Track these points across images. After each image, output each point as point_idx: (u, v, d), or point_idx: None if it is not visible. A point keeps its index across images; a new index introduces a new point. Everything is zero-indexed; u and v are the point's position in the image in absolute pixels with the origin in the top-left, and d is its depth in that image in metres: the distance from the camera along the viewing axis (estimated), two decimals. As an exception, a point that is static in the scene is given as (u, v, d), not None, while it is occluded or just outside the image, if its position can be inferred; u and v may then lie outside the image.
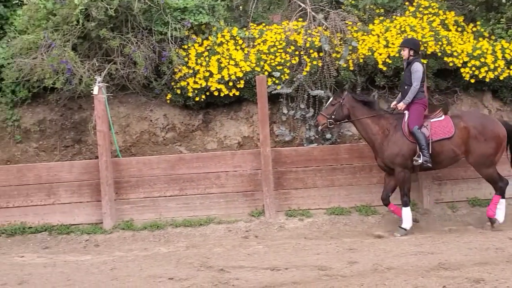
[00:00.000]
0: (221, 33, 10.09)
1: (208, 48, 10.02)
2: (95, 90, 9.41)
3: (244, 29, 10.39)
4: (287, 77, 9.80)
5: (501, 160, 8.66)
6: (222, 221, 9.24)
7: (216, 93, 9.84)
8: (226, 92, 9.82)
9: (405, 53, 8.74)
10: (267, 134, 9.32)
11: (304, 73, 9.78)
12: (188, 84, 9.85)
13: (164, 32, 9.88)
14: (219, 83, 9.77)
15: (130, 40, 9.74)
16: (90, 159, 9.95)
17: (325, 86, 9.78)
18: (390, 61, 9.76)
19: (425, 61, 9.64)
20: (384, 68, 9.82)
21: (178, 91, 10.02)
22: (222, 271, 6.94)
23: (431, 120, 8.49)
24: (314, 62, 9.78)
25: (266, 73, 9.72)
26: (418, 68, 8.50)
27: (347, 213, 9.29)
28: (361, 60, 9.86)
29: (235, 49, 9.97)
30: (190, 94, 9.89)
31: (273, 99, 9.85)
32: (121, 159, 9.62)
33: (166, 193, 9.43)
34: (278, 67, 9.79)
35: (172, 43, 9.79)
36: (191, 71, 9.85)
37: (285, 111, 9.89)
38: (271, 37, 10.01)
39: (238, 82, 9.76)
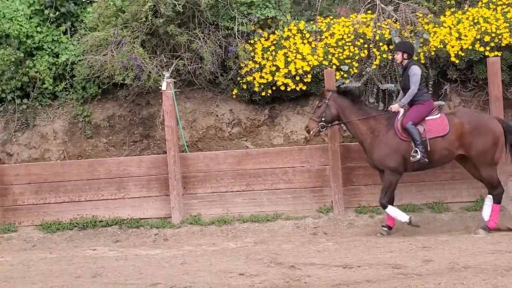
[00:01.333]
0: (288, 27, 9.99)
1: (274, 42, 9.95)
2: (163, 86, 9.49)
3: (311, 22, 10.25)
4: (355, 70, 9.62)
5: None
6: (290, 217, 9.17)
7: (282, 88, 9.76)
8: (293, 87, 9.73)
9: (398, 57, 8.50)
10: (336, 129, 9.16)
11: (374, 67, 9.57)
12: (254, 79, 9.81)
13: (230, 27, 9.88)
14: (285, 77, 9.68)
15: (197, 35, 9.77)
16: (158, 154, 10.05)
17: (395, 80, 9.54)
18: (462, 54, 9.47)
19: (499, 54, 9.31)
20: (457, 61, 9.53)
21: (244, 86, 9.99)
22: (293, 268, 6.83)
23: (426, 118, 8.25)
24: (384, 55, 9.55)
25: (334, 66, 9.56)
26: (416, 72, 8.25)
27: (418, 210, 9.04)
28: (432, 53, 9.58)
29: (302, 43, 9.85)
30: (256, 89, 9.85)
31: (341, 93, 9.68)
32: (189, 154, 9.67)
33: (233, 188, 9.42)
34: (346, 61, 9.62)
35: (238, 38, 9.78)
36: (257, 66, 9.81)
37: (353, 105, 9.71)
38: (339, 30, 9.84)
39: (305, 76, 9.65)
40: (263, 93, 9.88)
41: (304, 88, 9.76)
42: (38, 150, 10.47)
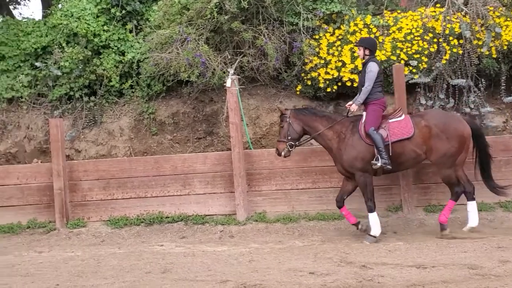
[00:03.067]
0: (354, 22, 9.82)
1: (340, 37, 9.79)
2: (228, 83, 9.46)
3: (378, 16, 10.04)
4: (425, 65, 9.38)
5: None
6: (357, 215, 8.96)
7: (348, 84, 9.60)
8: (360, 82, 9.56)
9: (360, 52, 8.22)
10: (405, 127, 8.93)
11: (443, 62, 9.31)
12: (319, 74, 9.69)
13: (295, 23, 9.80)
14: (352, 73, 9.53)
15: (261, 32, 9.72)
16: (221, 150, 10.07)
17: (466, 75, 9.26)
18: (537, 47, 9.13)
19: None
20: (531, 55, 9.20)
21: (309, 82, 9.89)
22: (364, 268, 6.67)
23: (390, 121, 8.00)
24: (454, 50, 9.29)
25: (403, 61, 9.35)
26: (372, 68, 7.96)
27: (491, 209, 8.74)
28: (504, 47, 9.27)
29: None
30: (321, 85, 9.74)
31: (409, 88, 9.43)
32: (253, 151, 9.61)
33: (298, 186, 9.31)
34: (415, 56, 9.39)
35: (303, 34, 9.67)
36: (322, 62, 9.69)
37: (423, 101, 9.48)
38: (407, 24, 9.61)
39: (371, 71, 9.45)
40: (328, 89, 9.75)
41: (371, 83, 9.57)
42: (105, 146, 10.67)
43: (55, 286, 6.75)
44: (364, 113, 8.11)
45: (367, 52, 8.13)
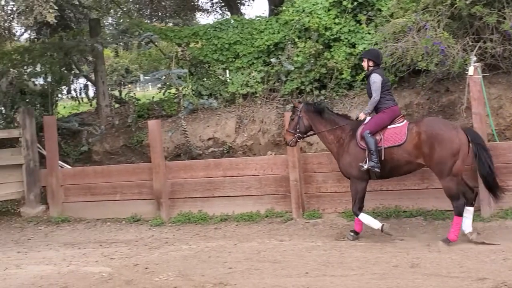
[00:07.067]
0: None
1: None
2: (470, 71, 8.89)
3: None
4: None
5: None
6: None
7: None
8: None
9: (364, 64, 8.40)
10: None
11: None
12: None
13: (546, 3, 8.91)
14: None
15: (506, 15, 8.99)
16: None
17: None
18: None
19: None
20: None
21: (562, 68, 8.94)
22: None
23: (388, 127, 8.05)
24: None
25: None
26: (375, 79, 8.09)
27: None
28: None
29: None
30: None
31: None
32: (500, 143, 8.88)
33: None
34: None
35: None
36: None
37: None
38: None
39: None
40: None
41: None
42: (335, 139, 10.67)
43: (305, 274, 6.90)
44: (368, 118, 8.22)
45: (371, 63, 8.29)
